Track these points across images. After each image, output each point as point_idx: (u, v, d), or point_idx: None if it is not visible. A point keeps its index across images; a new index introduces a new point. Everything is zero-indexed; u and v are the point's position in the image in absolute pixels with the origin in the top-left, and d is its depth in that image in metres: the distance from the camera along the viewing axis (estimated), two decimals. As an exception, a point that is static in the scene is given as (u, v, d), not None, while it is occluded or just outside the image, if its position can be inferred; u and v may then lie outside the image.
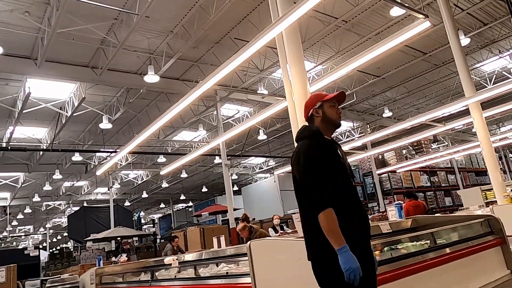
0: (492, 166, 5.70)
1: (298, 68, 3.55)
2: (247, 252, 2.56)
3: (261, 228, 7.45)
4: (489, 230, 3.04)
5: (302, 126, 2.40)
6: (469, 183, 21.64)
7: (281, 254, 2.35)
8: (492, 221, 3.05)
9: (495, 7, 10.63)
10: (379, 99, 16.27)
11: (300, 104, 3.49)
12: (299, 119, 3.50)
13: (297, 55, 3.57)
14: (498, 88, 5.61)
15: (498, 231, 3.02)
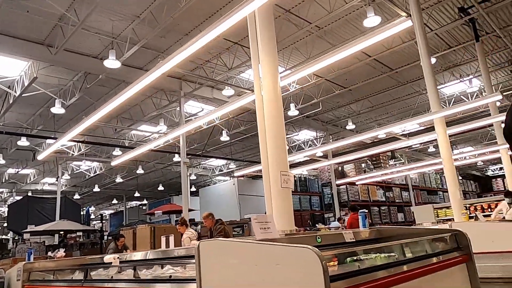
0: (452, 183, 5.71)
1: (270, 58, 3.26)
2: (194, 254, 2.21)
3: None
4: (455, 246, 2.87)
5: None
6: (421, 201, 22.41)
7: (236, 258, 2.02)
8: (459, 236, 2.89)
9: (460, 32, 10.97)
10: (344, 110, 16.42)
11: (269, 99, 3.20)
12: (267, 114, 3.21)
13: (269, 45, 3.29)
14: (465, 105, 5.67)
15: (465, 247, 2.86)
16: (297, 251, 1.69)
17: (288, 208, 3.01)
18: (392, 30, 4.45)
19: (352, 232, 3.07)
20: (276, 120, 3.12)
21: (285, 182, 2.94)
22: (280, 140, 3.08)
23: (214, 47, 10.52)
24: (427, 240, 2.85)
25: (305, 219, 18.33)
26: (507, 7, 9.74)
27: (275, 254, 1.81)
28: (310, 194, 19.34)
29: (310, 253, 1.65)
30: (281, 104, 3.18)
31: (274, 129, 3.09)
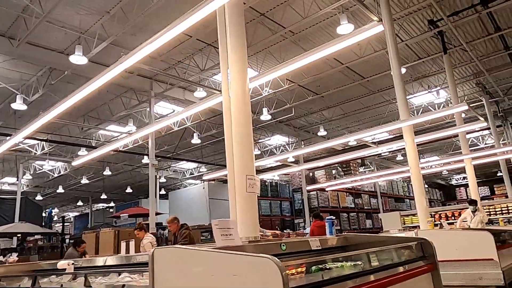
0: (419, 191, 5.77)
1: (239, 56, 3.13)
2: (148, 262, 2.05)
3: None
4: (421, 255, 2.83)
5: None
6: (389, 208, 22.90)
7: (191, 266, 1.87)
8: (425, 245, 2.85)
9: (430, 44, 11.26)
10: (316, 117, 16.53)
11: (237, 100, 3.07)
12: (234, 115, 3.07)
13: (239, 42, 3.16)
14: (433, 114, 5.78)
15: (430, 256, 2.82)
16: (256, 261, 1.57)
17: (253, 214, 2.88)
18: (363, 35, 4.43)
19: (319, 239, 2.98)
20: (243, 121, 2.99)
21: (250, 187, 2.82)
22: (247, 142, 2.96)
23: (186, 48, 10.33)
24: (393, 249, 2.80)
25: (275, 224, 18.27)
26: (474, 22, 10.09)
27: (233, 263, 1.68)
28: (281, 199, 19.31)
29: (269, 263, 1.53)
30: (249, 105, 3.06)
31: (241, 130, 2.96)
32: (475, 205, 7.93)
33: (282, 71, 5.08)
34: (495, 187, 32.68)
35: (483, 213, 8.08)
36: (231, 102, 3.04)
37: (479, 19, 9.92)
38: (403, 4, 9.19)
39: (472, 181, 9.33)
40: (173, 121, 7.54)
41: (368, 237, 3.21)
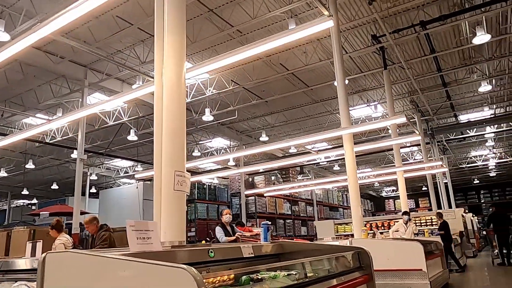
0: (355, 199, 5.78)
1: (176, 37, 2.79)
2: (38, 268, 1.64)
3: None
4: (358, 265, 2.67)
5: None
6: (323, 216, 23.50)
7: (93, 276, 1.49)
8: (362, 254, 2.70)
9: (371, 59, 11.65)
10: (259, 122, 16.45)
11: (171, 88, 2.72)
12: (167, 105, 2.72)
13: (178, 23, 2.82)
14: (374, 123, 5.86)
15: (366, 267, 2.68)
16: (169, 272, 1.25)
17: (180, 216, 2.54)
18: (313, 29, 4.26)
19: (252, 246, 2.71)
20: (177, 111, 2.65)
21: (179, 184, 2.48)
22: (179, 135, 2.62)
23: (126, 36, 9.67)
24: (330, 258, 2.60)
25: (211, 228, 17.86)
26: (413, 41, 10.60)
27: (143, 273, 1.34)
28: (219, 203, 18.94)
29: (185, 274, 1.22)
30: (184, 95, 2.73)
31: (174, 122, 2.63)
32: (408, 216, 8.21)
33: (220, 63, 4.76)
34: (419, 200, 35.11)
35: (413, 224, 8.42)
36: (164, 89, 2.69)
37: (417, 40, 10.44)
38: (349, 17, 9.38)
39: (403, 192, 9.71)
40: (99, 109, 6.85)
41: (304, 245, 3.02)
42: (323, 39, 10.50)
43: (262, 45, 4.40)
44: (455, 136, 18.96)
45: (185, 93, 2.74)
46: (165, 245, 2.27)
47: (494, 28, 9.95)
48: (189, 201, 17.86)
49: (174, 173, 2.48)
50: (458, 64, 12.11)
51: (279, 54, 11.07)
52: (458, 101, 15.37)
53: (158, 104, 2.74)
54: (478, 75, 12.70)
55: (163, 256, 1.92)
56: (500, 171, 30.04)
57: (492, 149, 22.65)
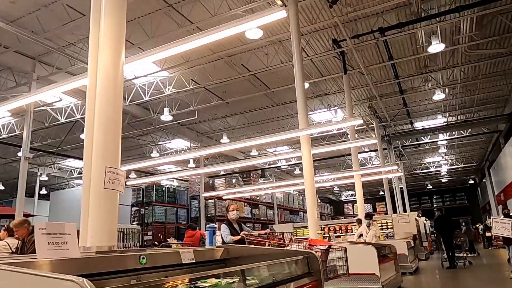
0: (311, 202, 5.68)
1: (114, 19, 2.52)
2: None
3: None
4: (307, 270, 2.50)
5: None
6: (284, 220, 23.53)
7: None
8: (311, 259, 2.53)
9: (332, 63, 11.75)
10: (220, 123, 16.19)
11: (106, 74, 2.44)
12: (100, 94, 2.43)
13: (117, 4, 2.55)
14: (332, 125, 5.81)
15: (316, 272, 2.52)
16: (55, 285, 1.00)
17: (111, 217, 2.26)
18: (266, 18, 4.09)
19: (193, 250, 2.48)
20: (112, 102, 2.38)
21: (111, 182, 2.21)
22: (113, 128, 2.35)
23: (79, 28, 9.13)
24: (278, 264, 2.42)
25: (169, 232, 17.34)
26: (372, 48, 10.78)
27: (31, 286, 1.08)
28: (178, 206, 18.44)
29: (76, 289, 0.98)
30: (122, 84, 2.47)
31: (107, 111, 2.35)
32: (370, 219, 8.26)
33: (170, 52, 4.47)
34: (377, 204, 36.15)
35: (376, 227, 8.48)
36: (97, 74, 2.41)
37: (376, 46, 10.63)
38: (311, 19, 9.37)
39: (360, 196, 9.80)
40: (39, 98, 6.29)
41: (252, 249, 2.82)
42: (285, 42, 10.45)
43: (214, 33, 4.17)
44: (410, 142, 19.61)
45: (122, 81, 2.48)
46: (89, 251, 2.00)
47: (448, 38, 10.31)
48: (147, 203, 17.27)
49: (105, 169, 2.21)
50: (414, 72, 12.48)
51: (241, 55, 10.92)
52: (414, 108, 15.88)
53: (91, 92, 2.45)
54: (432, 84, 13.15)
55: (79, 264, 1.65)
56: (451, 177, 31.52)
57: (444, 156, 23.69)
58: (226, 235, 5.11)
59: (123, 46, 2.59)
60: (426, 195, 36.44)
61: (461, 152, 23.45)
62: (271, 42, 10.38)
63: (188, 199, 19.15)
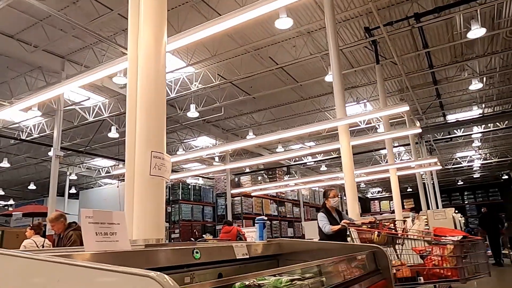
0: (352, 196, 5.36)
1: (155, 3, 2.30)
2: None
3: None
4: (374, 268, 2.21)
5: None
6: (310, 217, 23.15)
7: (13, 281, 0.99)
8: (378, 255, 2.24)
9: (362, 54, 11.31)
10: (246, 120, 15.98)
11: (148, 54, 2.22)
12: (142, 76, 2.22)
13: None
14: (372, 113, 5.46)
15: (384, 269, 2.22)
16: (130, 281, 0.76)
17: (158, 207, 2.05)
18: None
19: (246, 245, 2.24)
20: (154, 82, 2.16)
21: (157, 168, 2.00)
22: (157, 110, 2.14)
23: (107, 25, 9.08)
24: (342, 260, 2.14)
25: (196, 229, 17.31)
26: (405, 36, 10.30)
27: (87, 283, 0.84)
28: (204, 204, 18.40)
29: (152, 284, 0.73)
30: (164, 62, 2.25)
31: (150, 91, 2.14)
32: (416, 213, 7.91)
33: (196, 36, 4.22)
34: (404, 201, 35.16)
35: (421, 221, 8.07)
36: (139, 57, 2.20)
37: (410, 34, 10.15)
38: (342, 8, 9.00)
39: (396, 191, 9.38)
40: (67, 88, 6.20)
41: (307, 244, 2.55)
42: (313, 32, 10.12)
43: (238, 15, 3.88)
44: (442, 136, 18.85)
45: (165, 60, 2.26)
46: (137, 244, 1.78)
47: (488, 23, 9.72)
48: (173, 201, 17.28)
49: (151, 154, 1.99)
50: (449, 61, 11.89)
51: (268, 48, 10.66)
52: (447, 100, 15.20)
53: (132, 73, 2.24)
54: (469, 73, 12.51)
55: (130, 258, 1.43)
56: (484, 172, 30.30)
57: (478, 150, 22.71)
58: (324, 225, 4.58)
59: (165, 24, 2.37)
60: (456, 191, 35.15)
61: (496, 145, 22.41)
62: (299, 33, 10.06)
63: (214, 197, 19.08)
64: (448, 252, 2.91)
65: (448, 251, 2.91)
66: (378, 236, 3.47)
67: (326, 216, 4.65)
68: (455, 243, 2.97)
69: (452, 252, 2.92)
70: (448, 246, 2.92)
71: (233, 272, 2.04)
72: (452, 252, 2.92)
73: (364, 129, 16.83)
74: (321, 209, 4.79)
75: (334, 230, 4.35)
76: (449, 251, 2.90)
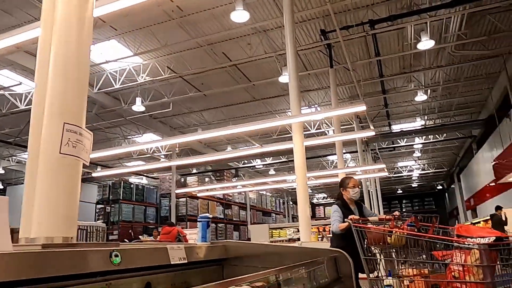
0: (303, 198, 5.10)
1: None
2: None
3: None
4: (335, 276, 1.89)
5: None
6: (256, 221, 22.94)
7: None
8: (340, 260, 1.92)
9: (316, 57, 11.28)
10: (195, 118, 15.40)
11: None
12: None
13: None
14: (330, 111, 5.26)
15: (346, 278, 1.91)
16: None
17: (70, 197, 1.57)
18: None
19: (185, 247, 1.82)
20: (76, 37, 1.68)
21: (70, 145, 1.52)
22: (76, 68, 1.65)
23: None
24: (299, 266, 1.79)
25: (136, 231, 16.37)
26: (359, 42, 10.39)
27: None
28: (147, 204, 17.50)
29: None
30: (91, 17, 1.78)
31: (69, 50, 1.65)
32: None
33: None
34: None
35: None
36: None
37: (365, 41, 10.25)
38: (299, 7, 8.84)
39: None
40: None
41: (256, 247, 2.17)
42: (269, 31, 9.89)
43: None
44: (387, 145, 19.52)
45: (91, 18, 1.79)
46: (33, 244, 1.31)
47: (436, 37, 10.07)
48: (113, 201, 16.24)
49: (63, 127, 1.52)
50: (398, 71, 12.22)
51: (222, 43, 10.26)
52: (394, 110, 15.71)
53: (46, 26, 1.73)
54: (415, 85, 12.97)
55: (10, 263, 0.96)
56: (421, 182, 32.00)
57: (417, 160, 23.87)
58: (334, 221, 3.58)
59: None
60: (396, 199, 36.93)
61: (434, 157, 23.71)
62: (255, 30, 9.78)
63: (158, 197, 18.23)
64: (473, 259, 2.11)
65: (474, 258, 2.11)
66: (390, 237, 2.62)
67: (340, 210, 3.63)
68: (482, 247, 2.08)
69: (479, 260, 2.09)
70: (474, 250, 2.12)
71: (164, 281, 1.61)
72: (478, 260, 2.10)
73: (314, 134, 16.94)
74: (337, 202, 3.79)
75: (342, 228, 3.41)
76: (475, 258, 2.10)
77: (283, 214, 28.75)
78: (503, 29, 9.82)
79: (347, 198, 3.76)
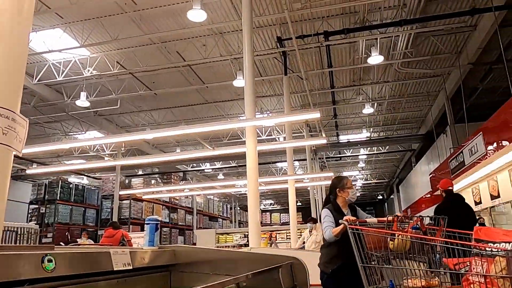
0: (254, 202, 5.01)
1: None
2: None
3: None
4: (290, 284, 1.81)
5: None
6: (202, 226, 22.57)
7: None
8: (296, 267, 1.86)
9: (271, 64, 11.36)
10: (144, 117, 14.86)
11: None
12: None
13: None
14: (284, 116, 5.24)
15: (303, 285, 1.83)
16: None
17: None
18: None
19: (130, 252, 1.65)
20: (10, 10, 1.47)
21: (0, 132, 1.31)
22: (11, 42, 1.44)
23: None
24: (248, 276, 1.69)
25: (74, 234, 15.38)
26: (314, 52, 10.61)
27: None
28: (86, 206, 16.54)
29: None
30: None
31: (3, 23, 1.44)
32: (313, 223, 7.77)
33: None
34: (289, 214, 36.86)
35: (319, 232, 8.03)
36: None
37: (318, 51, 10.49)
38: (256, 13, 8.83)
39: (293, 202, 9.43)
40: None
41: (208, 252, 2.05)
42: (226, 34, 9.79)
43: None
44: (334, 154, 20.13)
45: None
46: None
47: (385, 53, 10.55)
48: (49, 201, 15.16)
49: (-7, 110, 1.30)
50: (348, 84, 12.65)
51: (176, 42, 10.00)
52: (342, 121, 16.24)
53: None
54: (363, 98, 13.49)
55: None
56: (364, 191, 33.39)
57: (361, 171, 24.88)
58: (326, 228, 3.08)
59: None
60: (339, 207, 38.09)
61: (376, 168, 24.84)
62: (211, 32, 9.64)
63: (99, 199, 17.29)
64: (498, 269, 1.73)
65: (499, 268, 1.73)
66: (392, 241, 2.25)
67: (331, 215, 3.13)
68: (510, 254, 1.71)
69: (506, 270, 1.71)
70: (499, 258, 1.75)
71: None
72: (505, 270, 1.71)
73: (264, 140, 17.04)
74: (326, 206, 3.27)
75: (336, 233, 2.96)
76: (501, 268, 1.72)
77: (230, 220, 28.56)
78: (444, 51, 10.52)
79: (343, 201, 3.29)
